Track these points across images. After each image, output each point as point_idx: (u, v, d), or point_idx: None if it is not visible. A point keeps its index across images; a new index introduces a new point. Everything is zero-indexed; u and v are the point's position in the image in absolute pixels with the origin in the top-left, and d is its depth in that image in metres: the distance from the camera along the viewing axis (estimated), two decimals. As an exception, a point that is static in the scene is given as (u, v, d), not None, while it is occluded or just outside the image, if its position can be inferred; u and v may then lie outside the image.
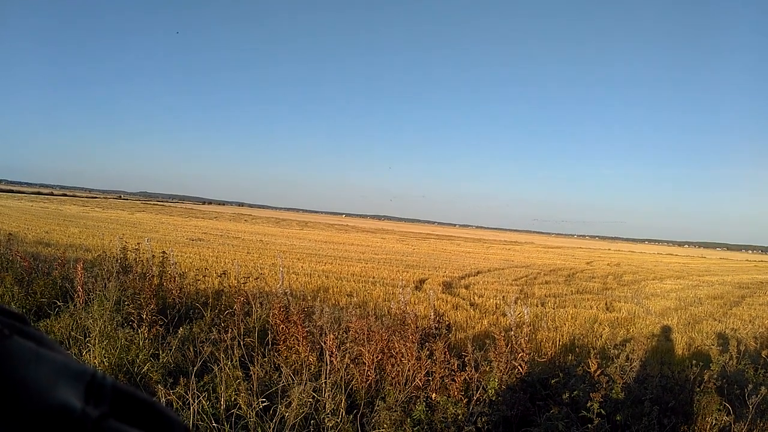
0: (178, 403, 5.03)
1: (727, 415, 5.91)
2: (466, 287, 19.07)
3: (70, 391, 0.59)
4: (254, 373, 5.46)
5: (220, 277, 9.44)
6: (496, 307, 14.33)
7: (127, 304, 7.24)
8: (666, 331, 13.00)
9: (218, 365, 5.51)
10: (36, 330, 0.67)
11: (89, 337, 6.45)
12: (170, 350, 6.40)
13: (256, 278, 9.03)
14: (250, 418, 4.91)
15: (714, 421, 5.88)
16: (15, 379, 0.56)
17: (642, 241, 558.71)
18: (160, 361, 6.17)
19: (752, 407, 5.86)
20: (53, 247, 17.95)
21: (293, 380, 5.42)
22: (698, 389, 6.14)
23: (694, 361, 6.65)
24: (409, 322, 6.37)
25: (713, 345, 9.85)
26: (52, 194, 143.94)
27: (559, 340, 10.41)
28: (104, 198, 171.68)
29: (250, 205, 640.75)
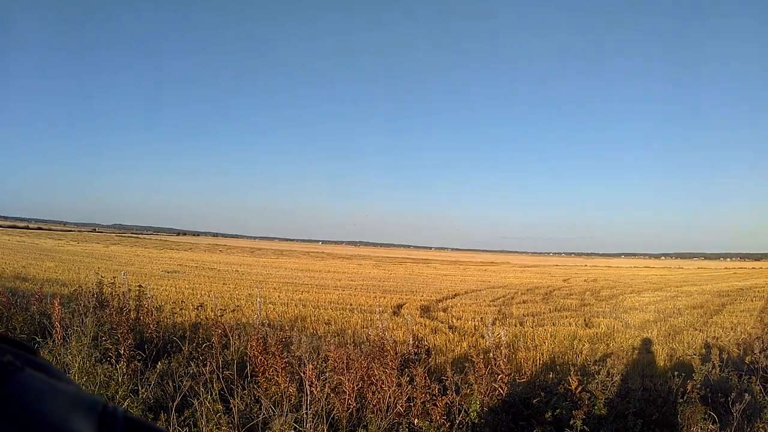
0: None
1: (712, 424, 5.95)
2: (444, 310, 19.09)
3: (84, 422, 0.61)
4: (235, 406, 5.41)
5: (197, 309, 9.36)
6: (475, 329, 14.36)
7: (105, 340, 7.13)
8: (646, 343, 13.11)
9: (198, 399, 5.46)
10: (45, 361, 0.69)
11: (69, 373, 6.34)
12: (149, 385, 6.30)
13: (233, 310, 8.97)
14: (231, 452, 4.86)
15: (699, 431, 5.92)
16: (31, 411, 0.57)
17: (618, 255, 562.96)
18: (140, 396, 6.08)
19: (737, 413, 5.91)
20: (30, 282, 17.72)
21: (274, 412, 5.39)
22: (681, 400, 6.17)
23: (676, 372, 6.69)
24: (388, 348, 6.35)
25: (695, 354, 9.94)
26: (27, 228, 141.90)
27: (539, 359, 10.44)
28: (79, 231, 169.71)
29: (225, 235, 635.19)
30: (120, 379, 6.33)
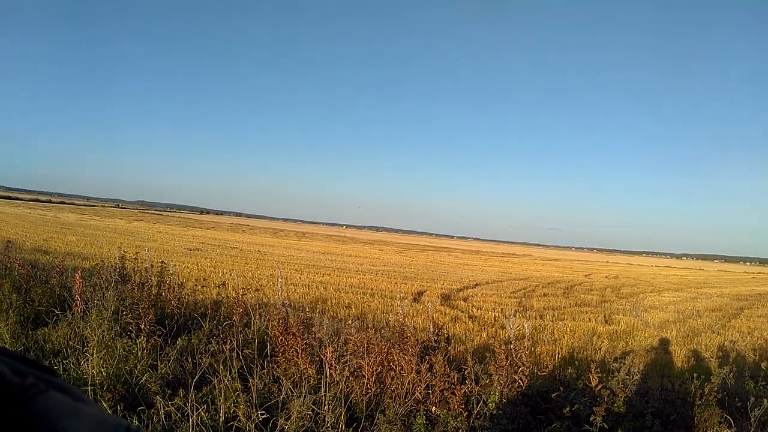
0: (177, 415, 4.99)
1: (728, 428, 5.89)
2: (465, 299, 19.04)
3: None
4: (253, 385, 5.42)
5: (219, 287, 9.43)
6: (495, 320, 14.30)
7: (125, 314, 7.20)
8: (665, 343, 12.97)
9: (217, 377, 5.47)
10: (67, 383, 0.68)
11: (87, 346, 6.40)
12: (168, 361, 6.35)
13: (255, 290, 9.02)
14: (249, 430, 4.88)
15: (715, 434, 5.86)
16: None
17: (640, 253, 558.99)
18: (159, 372, 6.13)
19: (754, 420, 5.83)
20: (51, 255, 17.93)
21: (293, 393, 5.39)
22: (699, 402, 6.11)
23: (694, 374, 6.62)
24: (408, 334, 6.34)
25: (713, 357, 9.84)
26: (50, 201, 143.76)
27: (559, 353, 10.36)
28: (102, 206, 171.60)
29: (248, 216, 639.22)
30: (139, 354, 6.38)
